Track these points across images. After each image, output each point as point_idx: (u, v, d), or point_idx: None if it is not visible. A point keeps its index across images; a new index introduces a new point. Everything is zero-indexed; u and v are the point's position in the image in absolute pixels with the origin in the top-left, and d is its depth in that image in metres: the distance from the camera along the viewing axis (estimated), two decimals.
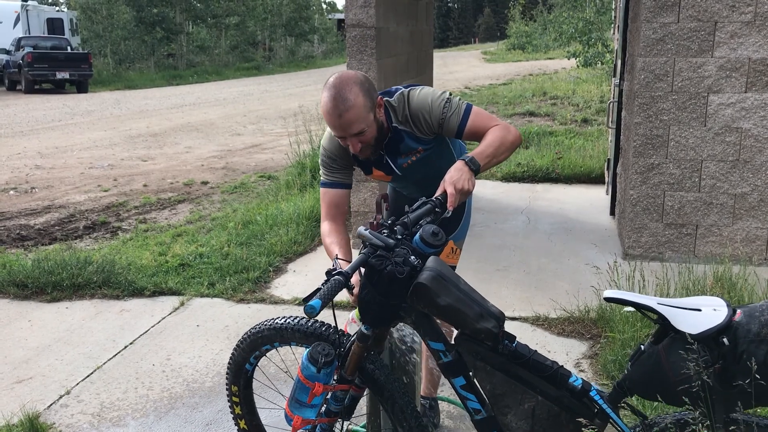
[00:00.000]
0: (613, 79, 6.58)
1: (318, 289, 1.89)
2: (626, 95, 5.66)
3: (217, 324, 4.25)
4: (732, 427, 1.80)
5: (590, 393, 2.00)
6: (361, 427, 2.91)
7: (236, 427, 2.60)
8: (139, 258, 5.35)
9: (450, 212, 2.13)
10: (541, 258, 5.21)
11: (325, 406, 2.21)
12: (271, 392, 3.12)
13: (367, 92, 2.32)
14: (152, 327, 4.24)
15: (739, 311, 1.80)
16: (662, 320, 1.85)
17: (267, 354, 2.45)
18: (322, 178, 2.61)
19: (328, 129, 2.58)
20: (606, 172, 7.01)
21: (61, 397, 3.44)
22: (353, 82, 2.29)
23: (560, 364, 2.04)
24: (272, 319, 2.36)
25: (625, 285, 3.85)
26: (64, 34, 27.24)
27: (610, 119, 6.45)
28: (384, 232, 2.03)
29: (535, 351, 2.04)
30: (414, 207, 2.11)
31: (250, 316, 4.36)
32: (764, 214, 4.88)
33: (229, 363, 2.48)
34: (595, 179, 7.62)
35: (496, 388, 2.03)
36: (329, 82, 2.31)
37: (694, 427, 1.85)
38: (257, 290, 4.77)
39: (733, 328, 1.76)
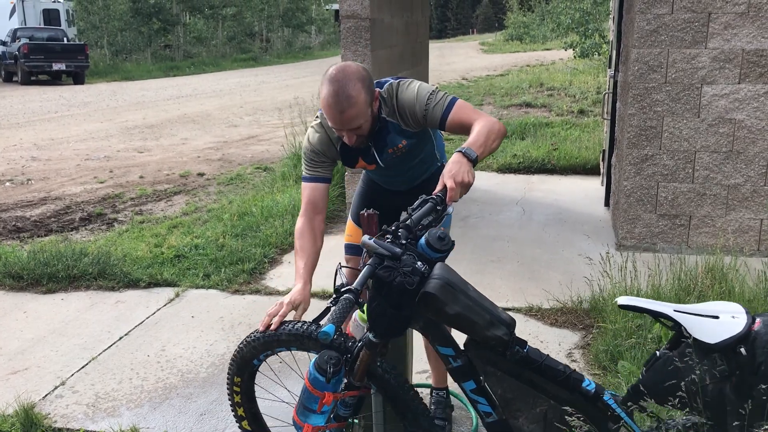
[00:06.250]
0: (608, 70, 6.58)
1: (326, 310, 1.83)
2: (621, 86, 5.66)
3: (212, 315, 4.27)
4: None
5: (603, 397, 1.98)
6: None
7: (233, 414, 2.58)
8: (135, 249, 5.37)
9: (452, 209, 2.07)
10: (535, 249, 5.23)
11: (333, 410, 2.15)
12: (267, 380, 3.14)
13: (368, 88, 2.33)
14: (147, 318, 4.25)
15: (758, 320, 1.76)
16: (678, 328, 1.82)
17: (279, 354, 2.40)
18: (303, 173, 2.61)
19: (313, 123, 2.61)
20: (601, 163, 7.03)
21: (56, 387, 3.46)
22: (356, 78, 2.29)
23: (572, 368, 2.02)
24: (290, 322, 2.27)
25: (617, 276, 3.87)
26: (60, 25, 27.12)
27: (605, 110, 6.46)
28: (388, 238, 1.97)
29: (548, 356, 2.02)
30: (414, 206, 2.04)
31: (245, 307, 4.38)
32: (757, 205, 4.90)
33: (234, 356, 2.41)
34: (591, 170, 7.64)
35: (506, 392, 2.01)
36: (331, 75, 2.29)
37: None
38: (252, 281, 4.79)
39: (751, 338, 1.71)
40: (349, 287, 1.88)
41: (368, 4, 5.25)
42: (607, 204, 6.28)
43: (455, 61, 25.81)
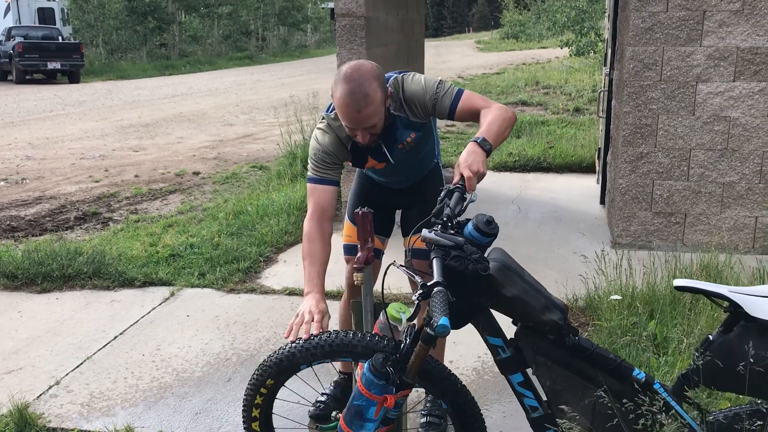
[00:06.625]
0: (603, 68, 6.59)
1: (417, 308, 1.83)
2: (616, 84, 5.67)
3: (207, 314, 4.26)
4: None
5: (654, 386, 1.97)
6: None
7: (244, 414, 2.41)
8: (130, 248, 5.36)
9: (476, 197, 2.08)
10: (530, 247, 5.23)
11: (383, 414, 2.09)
12: None
13: (382, 86, 2.33)
14: (142, 317, 4.24)
15: None
16: (735, 308, 1.83)
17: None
18: (310, 173, 2.52)
19: (319, 125, 2.55)
20: (597, 161, 7.03)
21: (50, 387, 3.45)
22: (372, 77, 2.28)
23: (621, 358, 2.02)
24: (362, 334, 2.17)
25: (612, 274, 3.87)
26: (55, 24, 27.05)
27: (601, 108, 6.46)
28: (435, 230, 1.97)
29: (597, 345, 2.02)
30: (443, 197, 2.06)
31: (240, 306, 4.37)
32: (752, 202, 4.91)
33: (280, 358, 2.21)
34: (586, 168, 7.64)
35: (556, 383, 2.00)
36: (346, 74, 2.28)
37: (760, 420, 1.82)
38: (248, 280, 4.78)
39: None
40: (437, 281, 1.85)
41: (363, 2, 5.25)
42: (602, 202, 6.28)
43: (451, 59, 25.81)
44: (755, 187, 4.89)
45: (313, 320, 2.19)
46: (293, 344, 2.19)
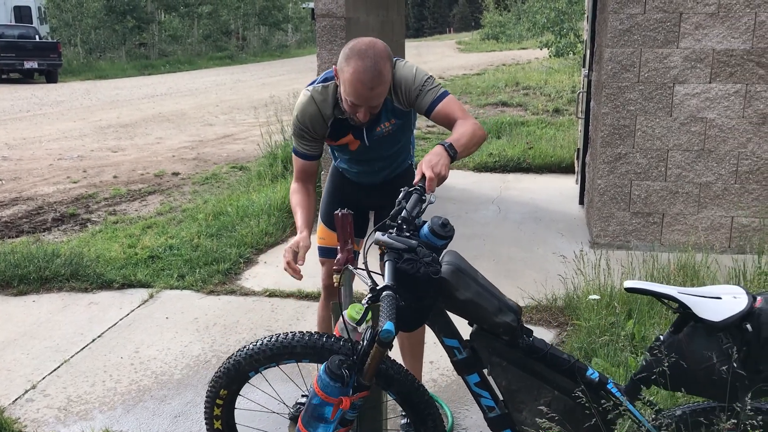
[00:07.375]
0: (582, 69, 6.64)
1: (366, 312, 1.88)
2: (594, 86, 5.71)
3: (187, 316, 4.23)
4: (756, 415, 1.80)
5: (607, 386, 1.99)
6: None
7: (207, 428, 2.42)
8: (108, 250, 5.31)
9: (435, 199, 2.07)
10: (510, 247, 5.26)
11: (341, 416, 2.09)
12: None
13: (392, 67, 2.39)
14: (121, 320, 4.21)
15: (759, 298, 1.81)
16: (683, 309, 1.85)
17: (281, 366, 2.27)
18: (294, 145, 2.65)
19: (304, 98, 2.55)
20: (576, 162, 7.08)
21: (26, 391, 3.41)
22: (387, 57, 2.32)
23: (576, 358, 2.04)
24: (302, 333, 2.17)
25: (590, 273, 3.90)
26: (31, 23, 26.69)
27: (580, 109, 6.51)
28: (391, 232, 1.97)
29: (552, 345, 2.04)
30: (401, 198, 2.05)
31: (220, 308, 4.35)
32: (728, 202, 4.97)
33: (228, 368, 2.23)
34: (566, 169, 7.69)
35: (511, 383, 2.02)
36: (361, 50, 2.27)
37: (710, 418, 1.84)
38: (227, 282, 4.76)
39: (755, 315, 1.77)
40: (386, 285, 1.84)
41: (343, 2, 5.24)
42: (581, 202, 6.33)
43: (432, 59, 25.84)
44: (731, 188, 4.95)
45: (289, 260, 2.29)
46: (237, 353, 2.23)
